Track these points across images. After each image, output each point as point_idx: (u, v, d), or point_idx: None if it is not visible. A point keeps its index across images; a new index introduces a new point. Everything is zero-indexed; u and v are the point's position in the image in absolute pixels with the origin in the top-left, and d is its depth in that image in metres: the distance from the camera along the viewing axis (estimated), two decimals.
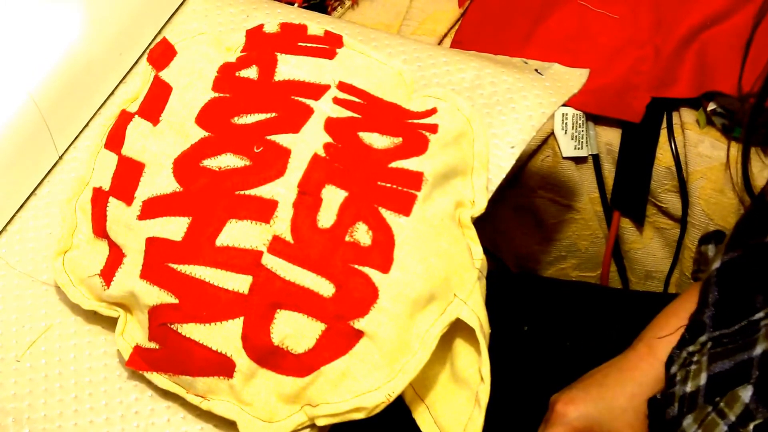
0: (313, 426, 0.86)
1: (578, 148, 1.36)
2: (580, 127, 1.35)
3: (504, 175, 0.99)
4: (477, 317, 0.85)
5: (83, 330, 0.95)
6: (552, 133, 1.37)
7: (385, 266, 0.85)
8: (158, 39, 1.13)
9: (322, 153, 0.90)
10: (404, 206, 0.88)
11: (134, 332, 0.92)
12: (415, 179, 0.90)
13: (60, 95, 1.03)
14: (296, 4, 1.35)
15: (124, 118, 0.99)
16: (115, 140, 0.98)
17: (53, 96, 1.02)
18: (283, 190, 0.88)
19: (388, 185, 0.89)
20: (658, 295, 1.38)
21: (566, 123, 1.36)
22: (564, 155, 1.36)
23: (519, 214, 1.46)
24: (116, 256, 0.92)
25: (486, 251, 0.91)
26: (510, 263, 1.53)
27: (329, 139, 0.91)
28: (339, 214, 0.87)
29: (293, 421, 0.86)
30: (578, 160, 1.38)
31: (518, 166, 1.36)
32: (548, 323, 1.16)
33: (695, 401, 0.85)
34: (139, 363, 0.90)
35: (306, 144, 0.91)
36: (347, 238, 0.86)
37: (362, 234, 0.86)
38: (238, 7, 1.16)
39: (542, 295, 1.22)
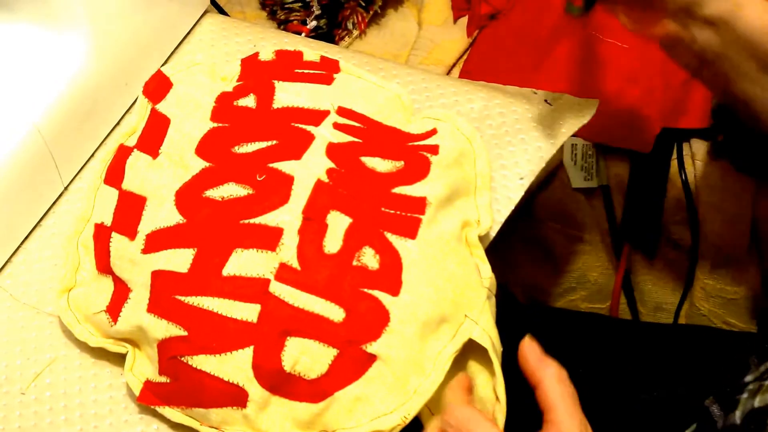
0: None
1: (588, 179, 1.36)
2: (589, 157, 1.35)
3: (513, 207, 0.99)
4: (489, 337, 0.85)
5: (88, 362, 0.94)
6: (561, 164, 1.36)
7: (394, 289, 0.85)
8: None
9: (325, 179, 0.89)
10: (409, 230, 0.88)
11: (144, 367, 0.91)
12: (419, 204, 0.89)
13: (65, 126, 1.02)
14: (303, 34, 1.35)
15: (123, 152, 0.99)
16: (114, 175, 0.98)
17: (58, 126, 1.01)
18: (287, 217, 0.88)
19: (392, 211, 0.88)
20: (669, 327, 1.37)
21: (576, 154, 1.35)
22: (573, 186, 1.36)
23: (528, 246, 1.46)
24: (122, 291, 0.92)
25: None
26: (519, 295, 1.52)
27: (332, 165, 0.91)
28: (345, 239, 0.87)
29: None
30: (588, 192, 1.38)
31: (527, 197, 1.36)
32: (559, 354, 1.15)
33: (763, 420, 0.83)
34: (150, 398, 0.89)
35: (309, 170, 0.90)
36: (354, 263, 0.86)
37: (369, 258, 0.86)
38: (246, 37, 1.16)
39: (552, 326, 1.21)
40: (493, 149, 1.02)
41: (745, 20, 0.80)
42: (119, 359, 0.93)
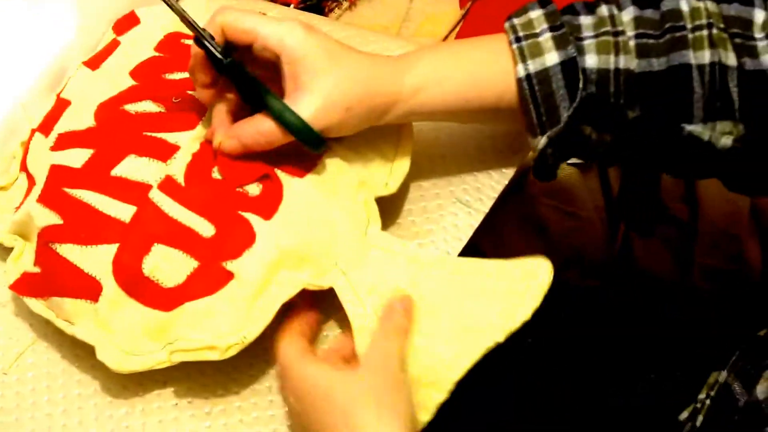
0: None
1: None
2: None
3: (507, 181, 0.99)
4: (353, 291, 0.86)
5: (72, 342, 0.92)
6: None
7: (267, 215, 0.86)
8: None
9: None
10: (301, 172, 0.89)
11: (27, 259, 0.93)
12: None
13: (48, 100, 1.02)
14: (293, 5, 1.33)
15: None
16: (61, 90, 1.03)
17: (41, 101, 1.02)
18: (187, 139, 0.91)
19: (291, 155, 0.89)
20: (666, 304, 1.36)
21: None
22: (568, 161, 1.35)
23: (522, 222, 1.45)
24: (30, 187, 0.95)
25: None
26: None
27: None
28: (235, 169, 0.89)
29: (153, 358, 0.86)
30: (583, 167, 1.36)
31: (521, 171, 1.34)
32: (553, 334, 1.14)
33: None
34: (21, 288, 0.91)
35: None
36: (237, 189, 0.88)
37: (252, 187, 0.88)
38: None
39: (546, 302, 1.21)
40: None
41: None
42: None
